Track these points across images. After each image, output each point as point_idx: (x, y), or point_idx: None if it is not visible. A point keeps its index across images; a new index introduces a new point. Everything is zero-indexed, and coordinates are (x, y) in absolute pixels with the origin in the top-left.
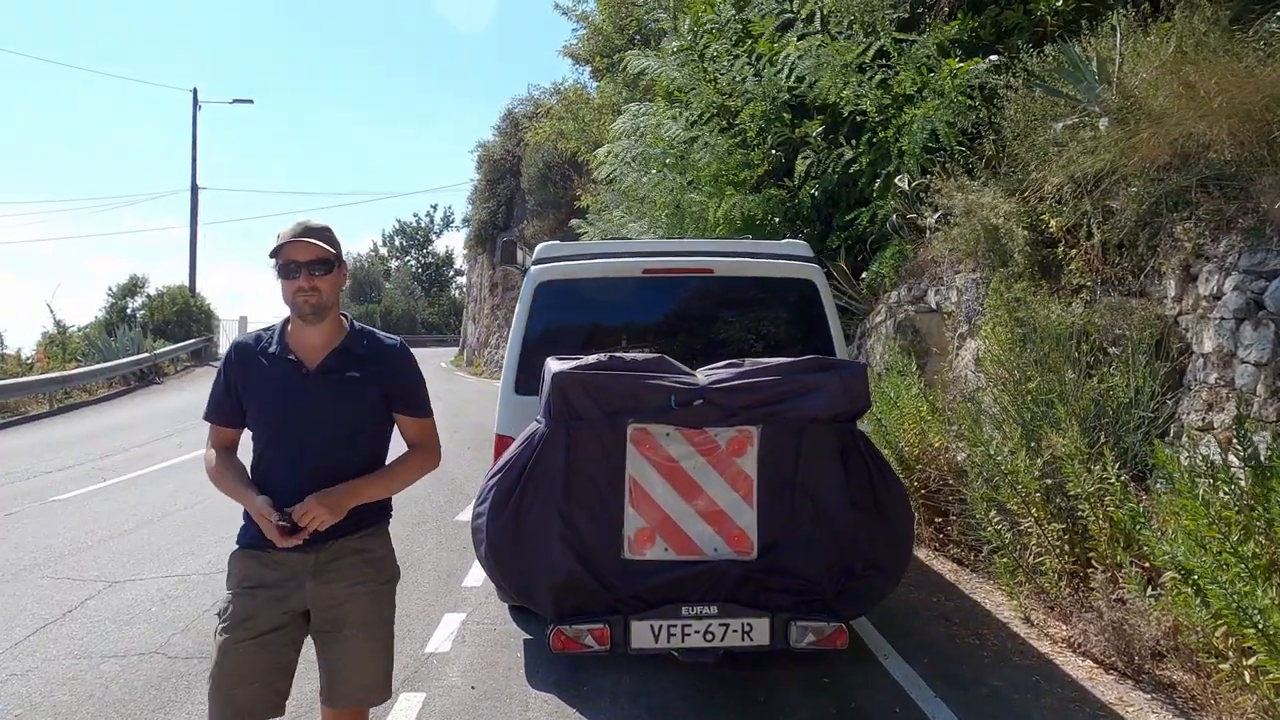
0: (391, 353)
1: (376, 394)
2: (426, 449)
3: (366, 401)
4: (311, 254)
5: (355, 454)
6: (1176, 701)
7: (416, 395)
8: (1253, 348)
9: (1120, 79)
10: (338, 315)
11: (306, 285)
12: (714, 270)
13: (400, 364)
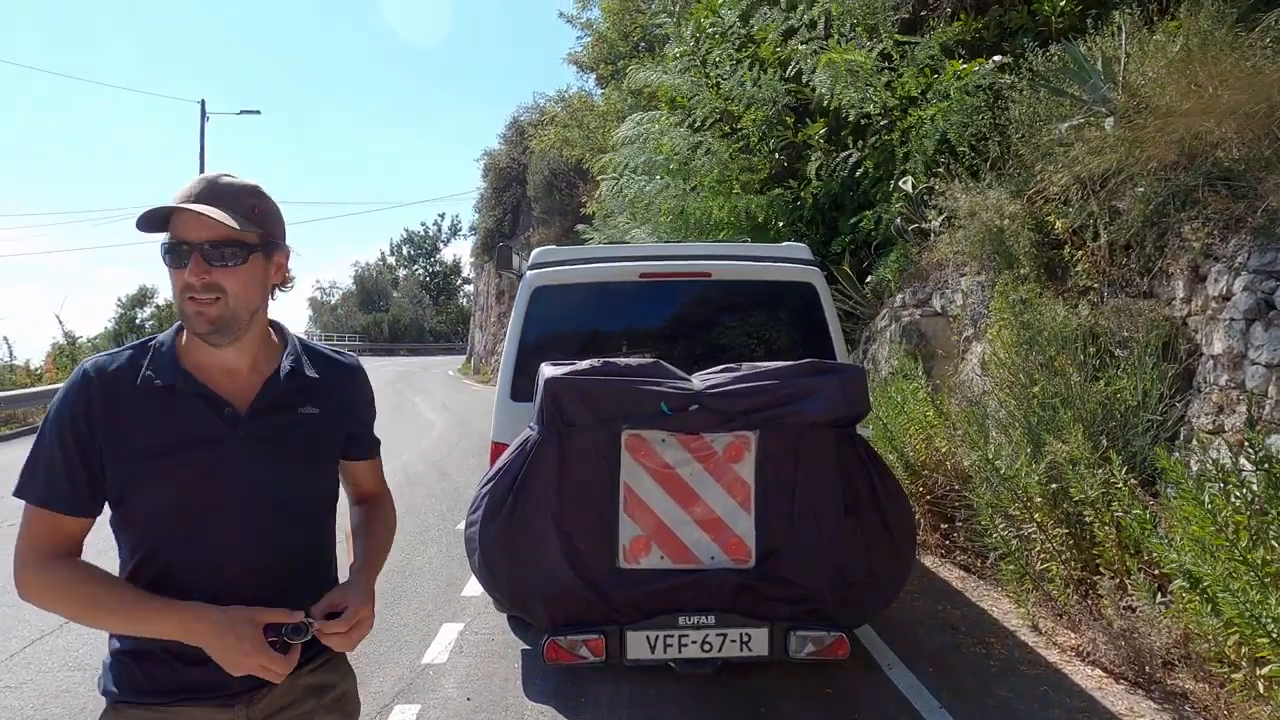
0: (356, 377)
1: (341, 438)
2: (388, 497)
3: (334, 451)
4: (209, 231)
5: (326, 530)
6: (1187, 713)
7: (372, 432)
8: (1264, 349)
9: (1126, 78)
10: (265, 326)
11: (197, 282)
12: (712, 274)
13: (366, 393)
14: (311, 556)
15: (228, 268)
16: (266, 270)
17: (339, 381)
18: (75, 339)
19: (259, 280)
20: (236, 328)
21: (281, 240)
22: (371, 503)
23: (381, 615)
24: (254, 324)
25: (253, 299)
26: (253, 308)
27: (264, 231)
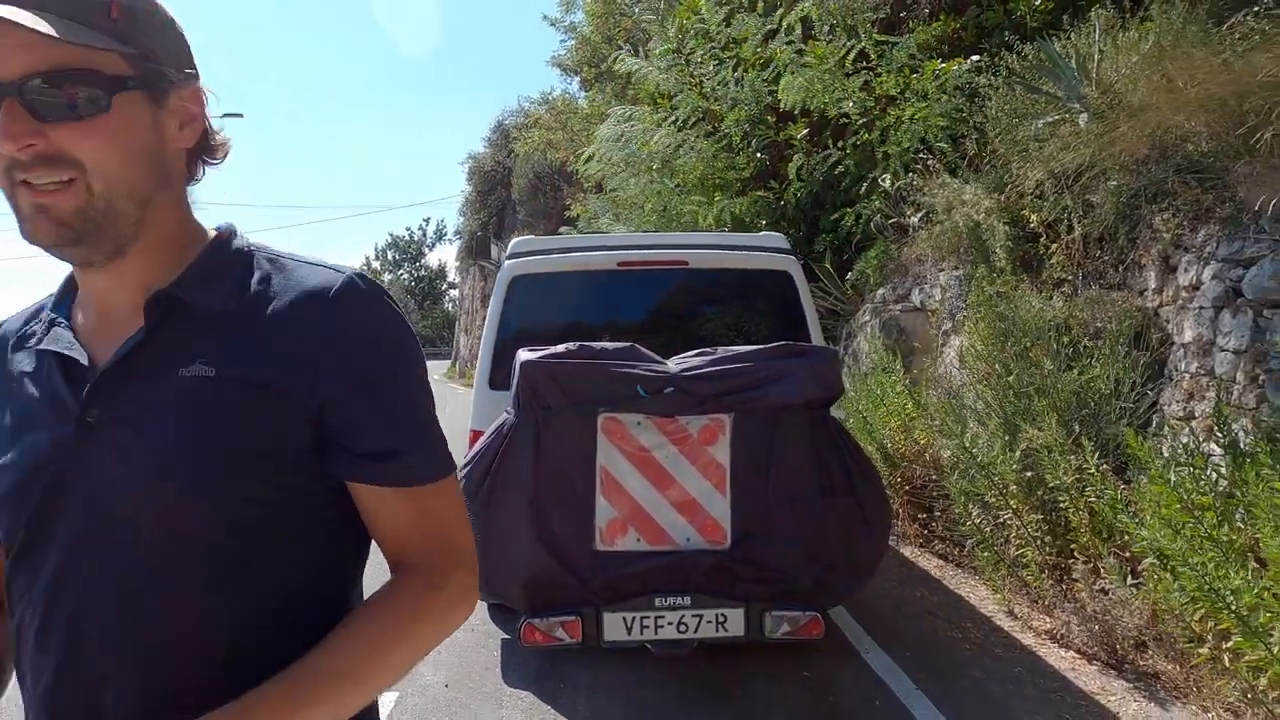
0: (331, 307)
1: (287, 425)
2: (438, 568)
3: (263, 446)
4: (29, 56)
5: (236, 599)
6: (1158, 691)
7: (397, 428)
8: (1231, 335)
9: (1099, 75)
10: (178, 232)
11: (21, 152)
12: (689, 262)
13: (362, 342)
14: (255, 633)
15: (77, 120)
16: (157, 122)
17: (286, 315)
18: None
19: (143, 140)
20: (110, 232)
21: (180, 66)
22: (400, 574)
23: None
24: (148, 226)
25: (135, 176)
26: (138, 193)
27: (138, 52)
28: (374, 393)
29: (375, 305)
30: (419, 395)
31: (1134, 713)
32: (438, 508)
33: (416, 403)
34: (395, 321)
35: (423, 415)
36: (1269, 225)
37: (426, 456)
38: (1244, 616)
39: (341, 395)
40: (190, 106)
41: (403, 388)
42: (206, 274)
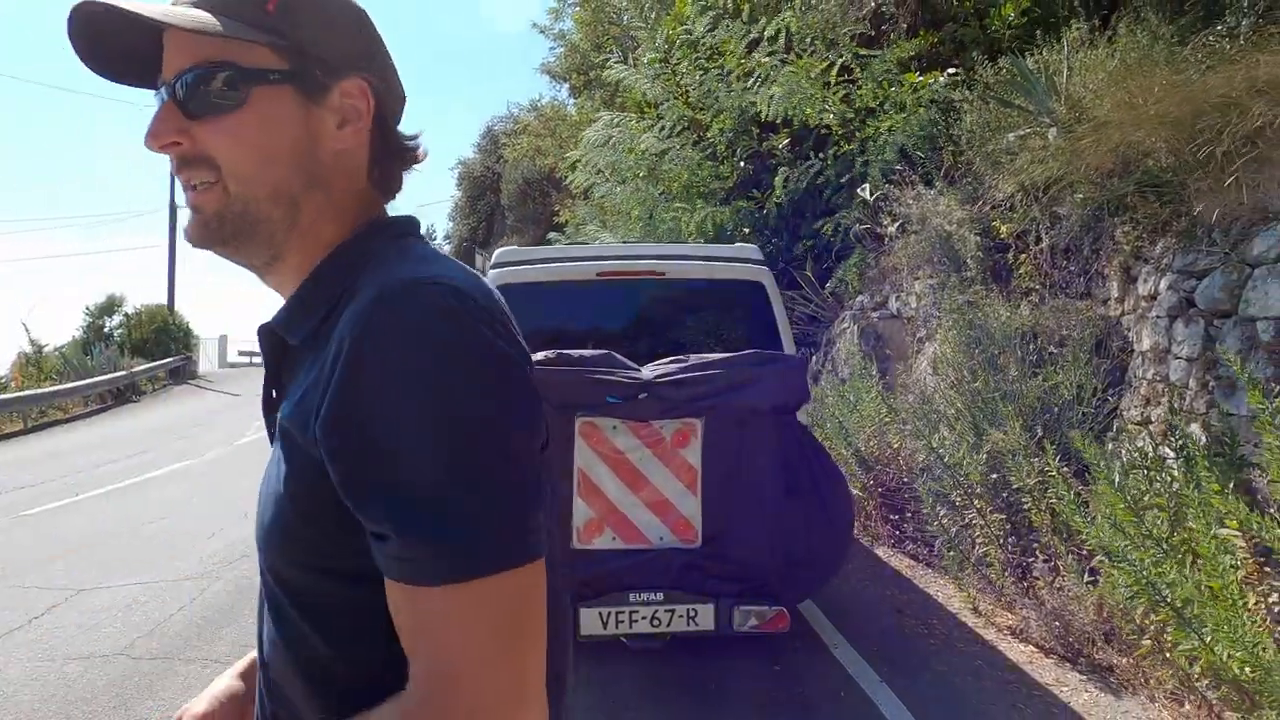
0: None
1: (320, 477)
2: (423, 681)
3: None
4: (180, 54)
5: (305, 636)
6: (1110, 682)
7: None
8: (1184, 343)
9: (1068, 90)
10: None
11: (159, 146)
12: (665, 273)
13: (346, 364)
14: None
15: (211, 118)
16: (309, 119)
17: (334, 343)
18: (42, 347)
19: (288, 138)
20: (259, 235)
21: (345, 60)
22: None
23: None
24: (303, 232)
25: (277, 176)
26: (283, 194)
27: (287, 42)
28: (348, 446)
29: (392, 320)
30: (420, 455)
31: (1085, 702)
32: (433, 621)
33: (420, 471)
34: (414, 345)
35: (419, 487)
36: (1220, 238)
37: (424, 549)
38: (1179, 609)
39: (323, 444)
40: (355, 103)
41: (402, 447)
42: (303, 298)
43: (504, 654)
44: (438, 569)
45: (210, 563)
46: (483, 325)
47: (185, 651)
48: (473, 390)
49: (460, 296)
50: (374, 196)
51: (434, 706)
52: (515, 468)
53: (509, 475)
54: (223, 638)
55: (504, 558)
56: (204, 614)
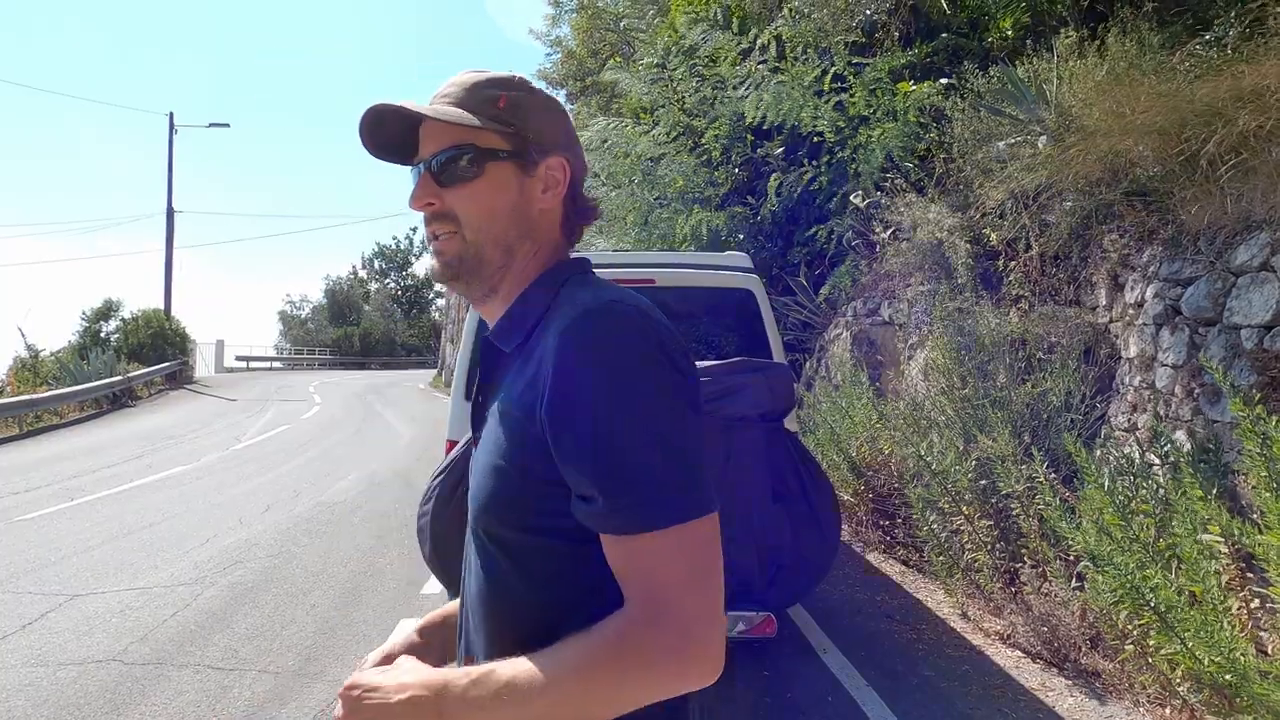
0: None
1: (528, 453)
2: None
3: (507, 468)
4: (433, 141)
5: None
6: (1095, 687)
7: (587, 459)
8: (1170, 351)
9: (1058, 100)
10: (523, 272)
11: (419, 207)
12: (655, 280)
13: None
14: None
15: (457, 185)
16: (524, 186)
17: (540, 350)
18: (37, 351)
19: (508, 200)
20: (483, 273)
21: (550, 143)
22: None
23: (343, 612)
24: (514, 271)
25: (500, 229)
26: (503, 242)
27: (511, 129)
28: (567, 428)
29: (595, 331)
30: (622, 435)
31: (1070, 707)
32: (644, 561)
33: (615, 444)
34: (613, 349)
35: (624, 459)
36: (1205, 247)
37: (623, 506)
38: (1162, 613)
39: (548, 428)
40: (555, 174)
41: (600, 425)
42: (512, 317)
43: (700, 583)
44: (642, 520)
45: (204, 568)
46: (662, 334)
47: (178, 657)
48: (660, 383)
49: (642, 313)
50: (563, 242)
51: (652, 623)
52: (692, 442)
53: (689, 447)
54: (215, 643)
55: (692, 509)
56: (196, 619)
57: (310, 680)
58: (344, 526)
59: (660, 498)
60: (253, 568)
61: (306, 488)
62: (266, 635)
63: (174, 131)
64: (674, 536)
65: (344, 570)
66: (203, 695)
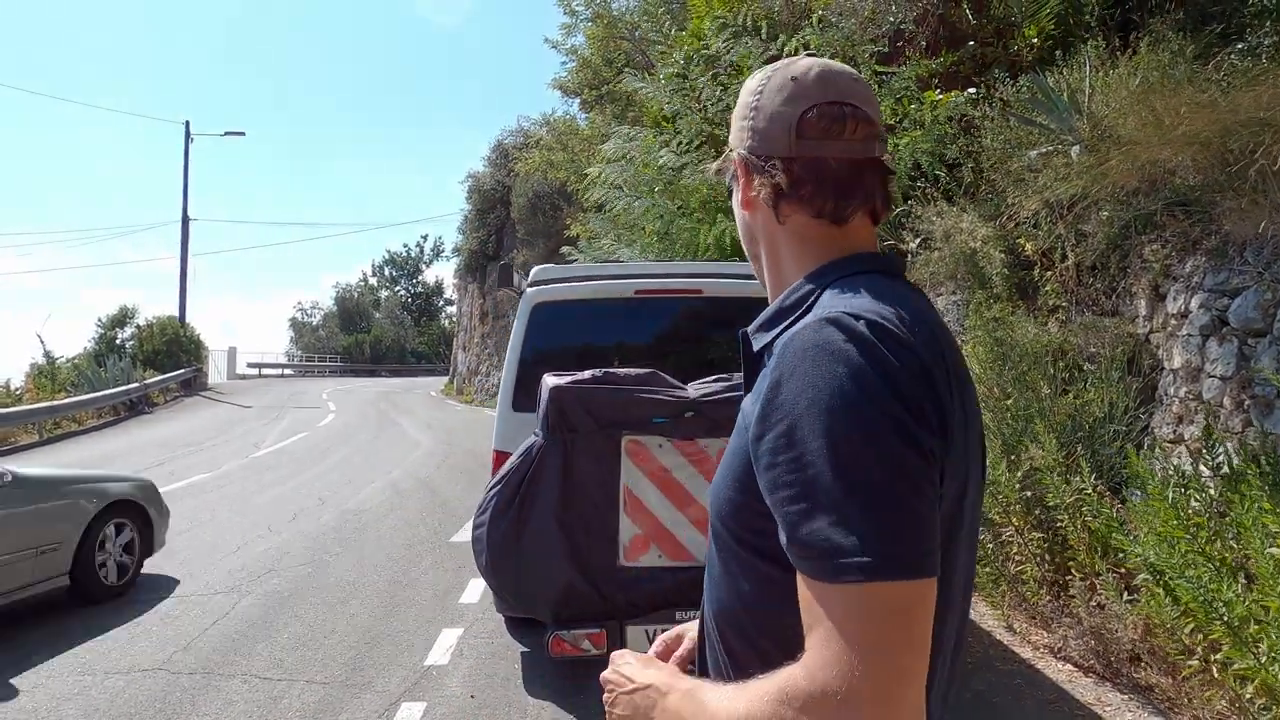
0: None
1: (744, 463)
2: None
3: (733, 475)
4: None
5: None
6: (1153, 701)
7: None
8: (1218, 362)
9: (1090, 109)
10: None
11: None
12: (703, 291)
13: (767, 383)
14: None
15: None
16: (738, 190)
17: (772, 360)
18: (55, 358)
19: (737, 206)
20: (760, 280)
21: (739, 139)
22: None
23: (384, 622)
24: (772, 274)
25: (744, 242)
26: (748, 249)
27: (730, 141)
28: (763, 449)
29: (812, 348)
30: (819, 472)
31: None
32: (822, 612)
33: (809, 478)
34: (825, 372)
35: (815, 498)
36: (1253, 257)
37: (804, 547)
38: (1235, 628)
39: (754, 446)
40: (740, 175)
41: (795, 454)
42: (770, 318)
43: (880, 656)
44: (828, 569)
45: (238, 576)
46: (898, 361)
47: (224, 666)
48: (874, 419)
49: (881, 331)
50: (827, 232)
51: (813, 687)
52: (905, 485)
53: (898, 491)
54: (259, 653)
55: (893, 569)
56: (238, 628)
57: (359, 690)
58: (372, 535)
59: (854, 548)
60: (287, 576)
61: (330, 496)
62: (310, 645)
63: (190, 140)
64: (859, 595)
65: (379, 579)
66: (254, 706)
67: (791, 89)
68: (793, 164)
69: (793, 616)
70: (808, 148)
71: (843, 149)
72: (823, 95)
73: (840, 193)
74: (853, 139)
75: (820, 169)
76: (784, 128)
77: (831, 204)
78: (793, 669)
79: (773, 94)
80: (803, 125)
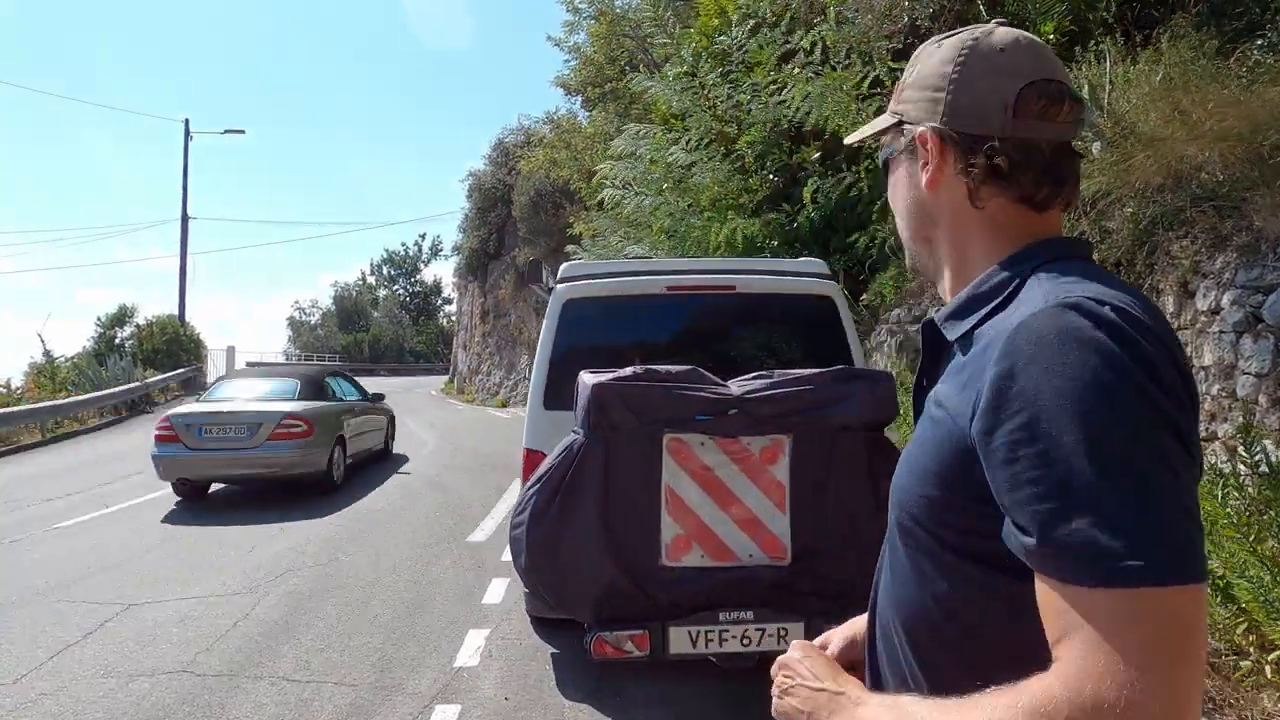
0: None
1: (952, 460)
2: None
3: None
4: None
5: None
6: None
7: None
8: (1253, 359)
9: (1111, 105)
10: (962, 260)
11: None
12: (736, 287)
13: (1000, 370)
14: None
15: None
16: (912, 175)
17: (986, 347)
18: (55, 358)
19: (905, 194)
20: (918, 264)
21: (920, 112)
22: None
23: (407, 623)
24: (942, 261)
25: (909, 226)
26: (916, 237)
27: (898, 118)
28: (1003, 444)
29: (1057, 334)
30: (1080, 466)
31: None
32: (1086, 621)
33: (1067, 473)
34: (1077, 358)
35: (1078, 495)
36: None
37: (1070, 548)
38: None
39: (981, 440)
40: (924, 150)
41: (1049, 448)
42: (962, 304)
43: (1163, 668)
44: (1093, 572)
45: (255, 577)
46: (1151, 346)
47: (249, 668)
48: (1137, 406)
49: (1128, 316)
50: (1025, 219)
51: (1082, 699)
52: (1173, 480)
53: (1167, 487)
54: (284, 654)
55: (1166, 572)
56: (260, 629)
57: (389, 693)
58: (387, 534)
59: (1126, 548)
60: (305, 576)
61: (341, 496)
62: (335, 646)
63: (189, 138)
64: (1135, 601)
65: (398, 579)
66: (284, 709)
67: (1002, 62)
68: (1005, 145)
69: (1012, 623)
70: (1023, 128)
71: (1055, 131)
72: (1037, 71)
73: (1054, 178)
74: (1065, 121)
75: (1032, 152)
76: (998, 105)
77: (1046, 190)
78: (1044, 680)
79: (978, 66)
80: (1021, 103)
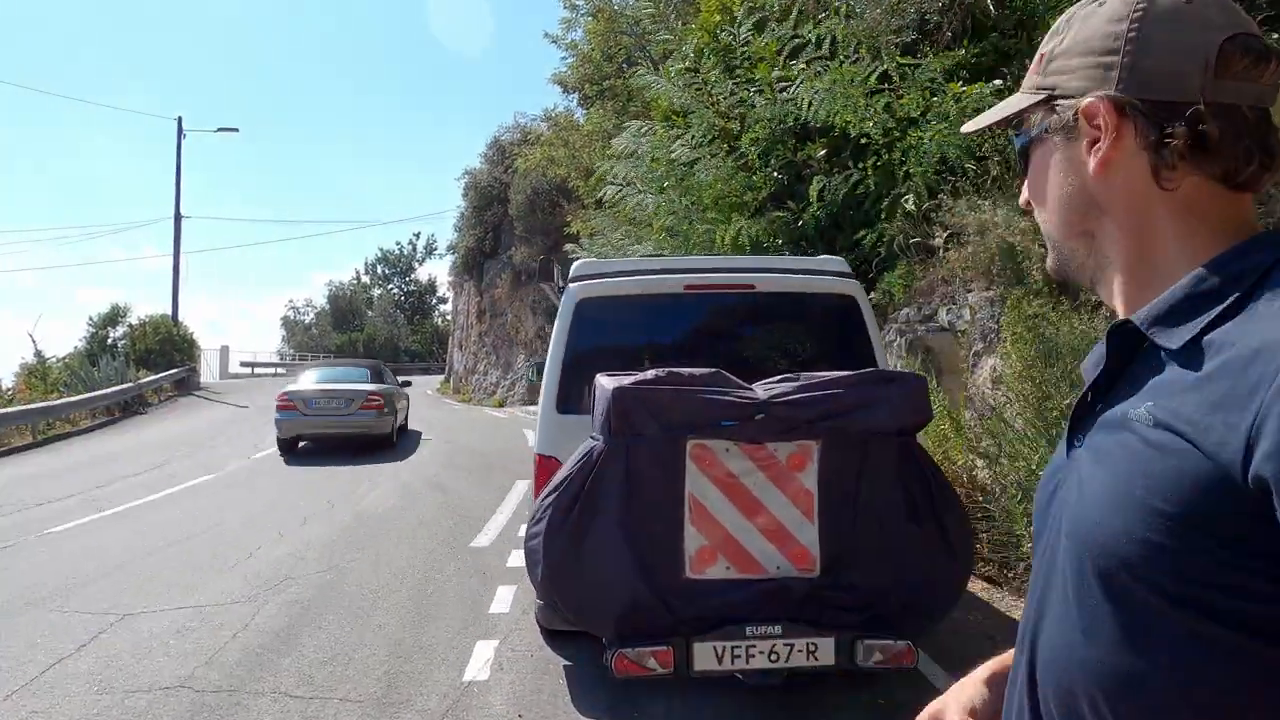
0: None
1: (1199, 495)
2: None
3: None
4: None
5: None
6: None
7: None
8: None
9: None
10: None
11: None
12: (755, 286)
13: None
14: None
15: (1025, 172)
16: (1070, 158)
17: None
18: (46, 358)
19: (1058, 182)
20: (1072, 268)
21: (1083, 80)
22: None
23: (413, 634)
24: (1110, 258)
25: (1062, 219)
26: (1072, 231)
27: (1046, 94)
28: None
29: None
30: None
31: None
32: None
33: None
34: None
35: None
36: None
37: None
38: None
39: (1275, 481)
40: (1091, 127)
41: None
42: (1176, 305)
43: None
44: None
45: (255, 584)
46: None
47: (250, 683)
48: None
49: None
50: (1224, 201)
51: None
52: None
53: None
54: (286, 668)
55: None
56: (260, 641)
57: (398, 710)
58: (388, 539)
59: None
60: (305, 584)
61: (340, 498)
62: (339, 660)
63: (183, 136)
64: None
65: (402, 587)
66: None
67: (1190, 14)
68: (1204, 112)
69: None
70: (1225, 91)
71: (1258, 94)
72: (1232, 24)
73: (1264, 149)
74: (1269, 82)
75: (1237, 118)
76: (1197, 64)
77: (1255, 165)
78: None
79: (1162, 21)
80: (1225, 60)
